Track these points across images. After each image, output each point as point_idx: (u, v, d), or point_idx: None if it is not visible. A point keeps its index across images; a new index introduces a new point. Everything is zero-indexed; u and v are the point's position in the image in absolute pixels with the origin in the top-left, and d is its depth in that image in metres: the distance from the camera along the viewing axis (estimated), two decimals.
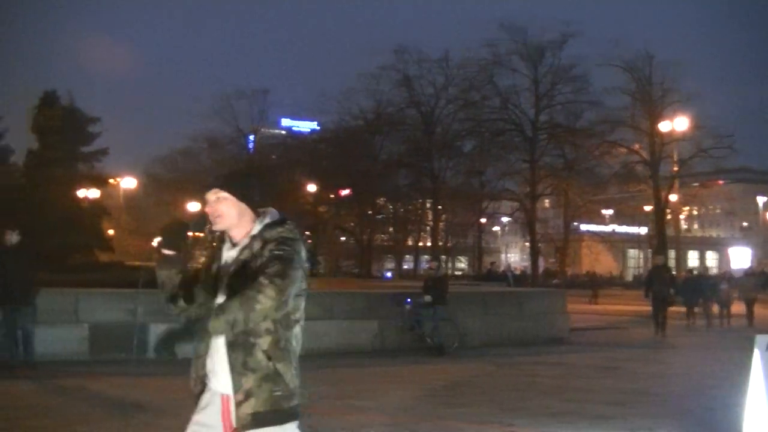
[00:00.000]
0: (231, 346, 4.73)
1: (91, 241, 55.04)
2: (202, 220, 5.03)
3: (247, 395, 4.73)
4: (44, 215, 51.93)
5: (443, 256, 69.70)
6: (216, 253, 5.06)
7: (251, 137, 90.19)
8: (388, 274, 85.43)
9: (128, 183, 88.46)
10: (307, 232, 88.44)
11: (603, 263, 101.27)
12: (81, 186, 54.68)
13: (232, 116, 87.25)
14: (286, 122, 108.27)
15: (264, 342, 4.83)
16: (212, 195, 4.97)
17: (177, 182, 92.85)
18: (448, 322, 21.09)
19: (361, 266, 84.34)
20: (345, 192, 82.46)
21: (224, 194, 4.93)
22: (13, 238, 15.88)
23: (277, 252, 4.77)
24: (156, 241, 5.03)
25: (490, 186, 77.69)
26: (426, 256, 77.85)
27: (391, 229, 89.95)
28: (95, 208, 56.83)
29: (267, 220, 4.97)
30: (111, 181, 68.44)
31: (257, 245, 4.84)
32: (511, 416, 11.88)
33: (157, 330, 18.12)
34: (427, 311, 20.85)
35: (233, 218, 4.95)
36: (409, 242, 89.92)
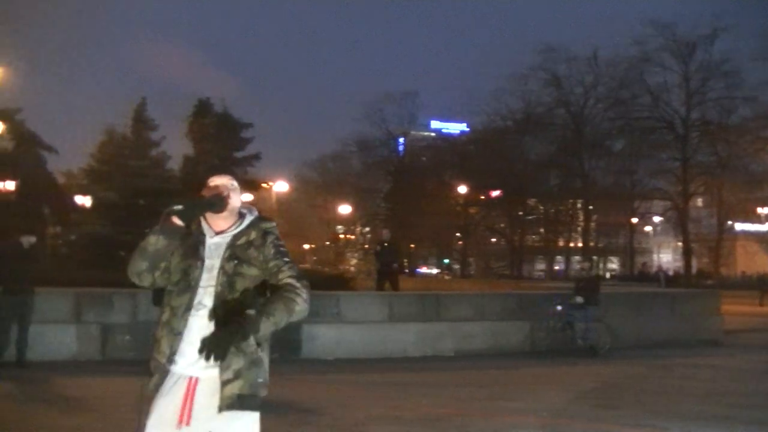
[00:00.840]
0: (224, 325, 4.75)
1: None
2: (221, 203, 5.04)
3: (236, 375, 4.78)
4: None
5: (594, 257, 69.14)
6: (187, 241, 5.06)
7: (401, 140, 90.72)
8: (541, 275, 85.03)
9: (280, 187, 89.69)
10: (457, 234, 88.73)
11: (759, 263, 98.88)
12: None
13: (382, 119, 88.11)
14: (435, 124, 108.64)
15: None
16: (227, 181, 5.18)
17: (327, 185, 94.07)
18: (599, 323, 20.91)
19: (512, 267, 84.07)
20: (495, 193, 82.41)
21: (236, 185, 5.21)
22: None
23: (282, 248, 5.12)
24: (172, 209, 4.94)
25: (641, 185, 76.72)
26: (577, 257, 77.20)
27: (541, 229, 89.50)
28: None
29: (256, 213, 5.28)
30: (264, 185, 69.42)
31: (255, 234, 5.11)
32: (665, 420, 11.70)
33: (312, 331, 18.57)
34: (579, 312, 20.71)
35: (234, 209, 5.16)
36: (560, 243, 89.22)
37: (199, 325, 4.85)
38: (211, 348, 4.57)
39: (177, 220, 4.90)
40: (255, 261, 4.99)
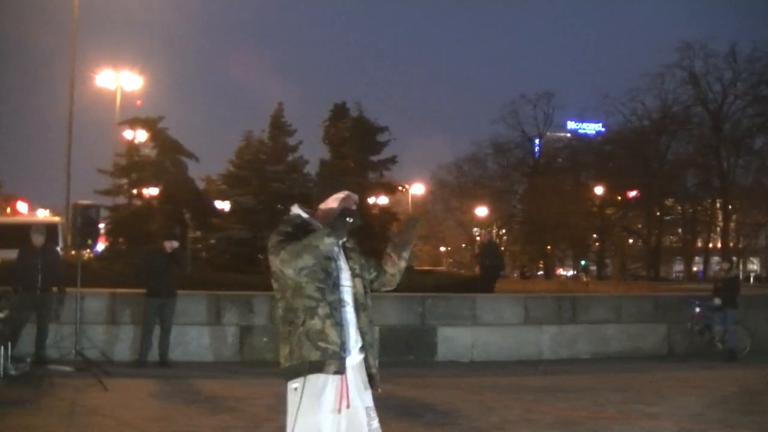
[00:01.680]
0: (363, 308, 5.83)
1: (381, 247, 56.46)
2: (357, 216, 5.78)
3: (375, 361, 5.91)
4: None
5: (734, 258, 67.93)
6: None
7: (536, 141, 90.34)
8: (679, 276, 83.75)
9: (417, 189, 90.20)
10: (594, 235, 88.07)
11: None
12: (371, 194, 56.12)
13: (517, 121, 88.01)
14: (571, 125, 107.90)
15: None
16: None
17: (464, 188, 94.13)
18: (739, 326, 20.59)
19: (649, 268, 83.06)
20: (632, 193, 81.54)
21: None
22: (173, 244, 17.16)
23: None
24: (329, 230, 5.56)
25: None
26: (716, 258, 75.92)
27: (679, 230, 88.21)
28: (385, 214, 58.13)
29: None
30: (400, 188, 69.85)
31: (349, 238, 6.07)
32: None
33: (447, 333, 18.71)
34: (718, 314, 20.41)
35: None
36: (699, 243, 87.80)
37: (349, 318, 5.69)
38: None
39: (334, 238, 5.61)
40: (357, 260, 6.03)
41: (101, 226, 32.43)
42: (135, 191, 55.79)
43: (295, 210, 6.05)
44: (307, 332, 5.47)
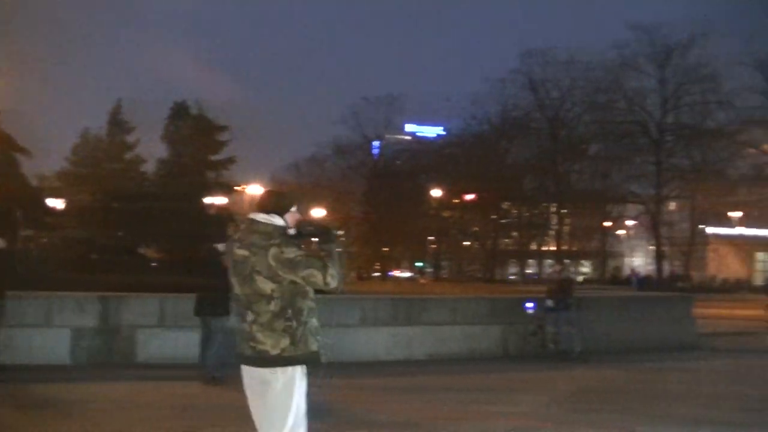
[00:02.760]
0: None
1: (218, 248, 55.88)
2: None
3: None
4: (174, 223, 52.98)
5: (567, 260, 69.27)
6: None
7: (376, 143, 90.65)
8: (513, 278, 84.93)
9: (254, 190, 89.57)
10: (431, 237, 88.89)
11: (730, 267, 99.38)
12: (209, 194, 55.59)
13: (358, 123, 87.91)
14: (410, 128, 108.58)
15: None
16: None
17: (303, 189, 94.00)
18: (572, 327, 20.94)
19: (485, 270, 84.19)
20: (470, 196, 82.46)
21: None
22: None
23: None
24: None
25: (616, 189, 76.90)
26: (550, 261, 77.38)
27: (515, 233, 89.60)
28: (222, 215, 57.68)
29: None
30: (237, 188, 69.31)
31: None
32: (635, 422, 11.82)
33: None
34: (551, 316, 20.73)
35: None
36: (534, 246, 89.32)
37: None
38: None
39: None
40: None
41: None
42: None
43: (278, 221, 6.64)
44: (311, 329, 6.64)
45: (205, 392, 14.02)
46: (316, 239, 6.69)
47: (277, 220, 6.61)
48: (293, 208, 6.80)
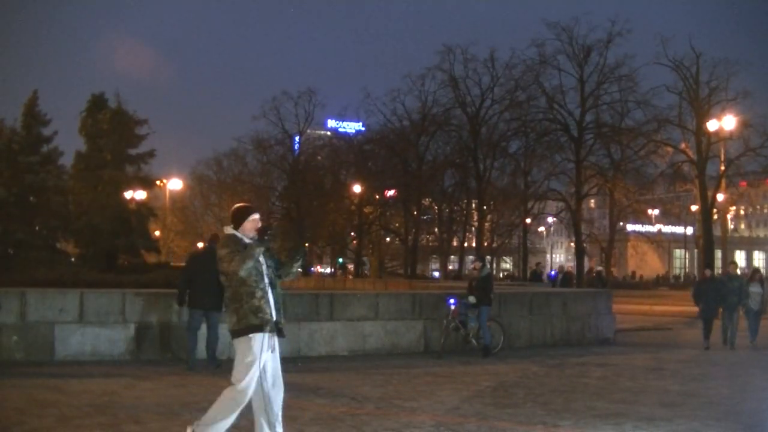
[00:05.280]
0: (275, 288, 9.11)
1: (138, 243, 55.48)
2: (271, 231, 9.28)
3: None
4: (93, 217, 52.37)
5: (488, 257, 69.54)
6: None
7: (297, 138, 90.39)
8: (436, 274, 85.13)
9: (175, 184, 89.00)
10: (352, 233, 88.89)
11: (649, 263, 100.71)
12: (128, 188, 55.07)
13: (278, 118, 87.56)
14: (331, 123, 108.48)
15: None
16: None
17: (223, 184, 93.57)
18: (493, 322, 21.06)
19: (407, 267, 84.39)
20: (391, 193, 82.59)
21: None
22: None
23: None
24: (259, 243, 8.85)
25: (536, 186, 77.38)
26: (471, 257, 77.70)
27: (436, 229, 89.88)
28: (142, 209, 57.19)
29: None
30: (158, 182, 68.79)
31: None
32: (557, 417, 11.92)
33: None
34: (472, 312, 20.80)
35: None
36: (455, 243, 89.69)
37: (271, 297, 9.02)
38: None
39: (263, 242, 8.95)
40: (271, 259, 9.25)
41: None
42: None
43: (229, 230, 9.07)
44: (250, 308, 8.81)
45: (127, 388, 13.85)
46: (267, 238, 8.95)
47: (229, 230, 9.09)
48: (252, 217, 9.11)
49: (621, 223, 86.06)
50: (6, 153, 49.67)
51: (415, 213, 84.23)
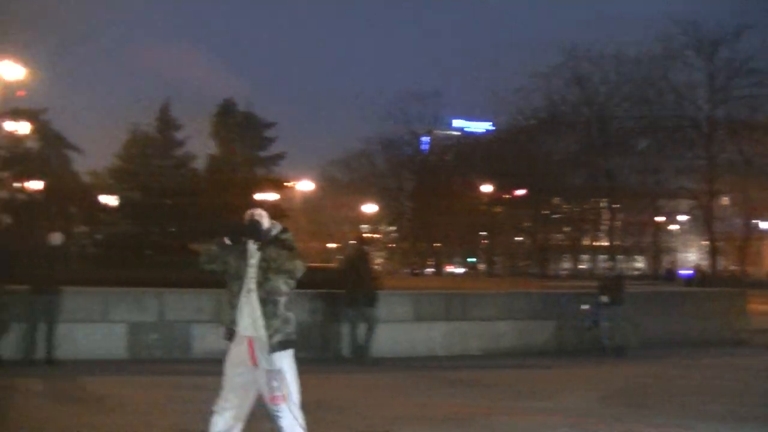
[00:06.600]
0: (263, 302, 7.86)
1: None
2: (258, 235, 8.07)
3: (275, 331, 7.86)
4: (225, 219, 53.21)
5: (619, 256, 68.82)
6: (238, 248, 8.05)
7: (425, 139, 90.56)
8: (563, 273, 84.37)
9: (305, 186, 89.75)
10: (482, 233, 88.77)
11: None
12: (260, 190, 55.84)
13: (406, 118, 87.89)
14: (458, 123, 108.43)
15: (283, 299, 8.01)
16: (258, 211, 8.23)
17: (352, 184, 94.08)
18: (625, 322, 20.93)
19: (537, 266, 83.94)
20: (520, 192, 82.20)
21: (264, 213, 8.30)
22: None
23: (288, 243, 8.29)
24: (225, 236, 8.06)
25: (667, 184, 76.27)
26: (602, 256, 76.96)
27: (566, 228, 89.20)
28: (273, 211, 57.87)
29: (278, 228, 8.42)
30: (288, 184, 69.53)
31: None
32: (690, 419, 11.78)
33: (334, 328, 18.69)
34: (605, 311, 20.71)
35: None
36: (585, 242, 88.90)
37: (243, 301, 7.97)
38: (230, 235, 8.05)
39: (228, 241, 8.01)
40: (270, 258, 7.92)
41: None
42: (18, 185, 54.62)
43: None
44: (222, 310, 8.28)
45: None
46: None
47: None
48: (247, 212, 8.27)
49: (756, 221, 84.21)
50: (141, 157, 50.82)
51: (545, 212, 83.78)
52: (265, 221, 8.12)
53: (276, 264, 7.89)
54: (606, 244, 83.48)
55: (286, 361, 8.00)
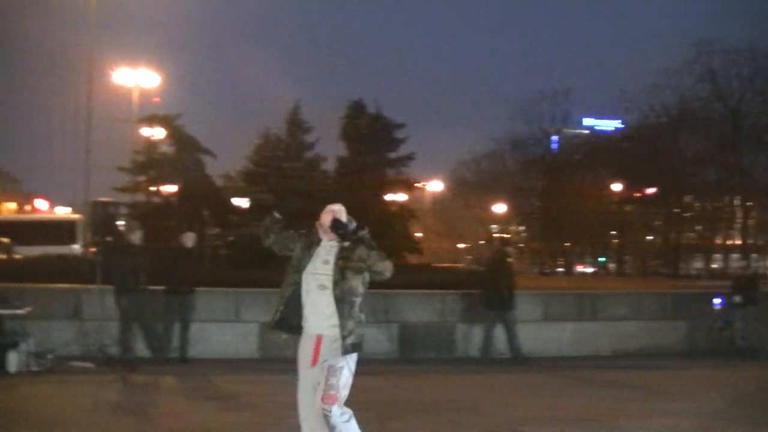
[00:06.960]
0: (339, 301, 7.63)
1: (400, 244, 56.32)
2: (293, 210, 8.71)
3: (350, 332, 7.62)
4: (356, 220, 53.59)
5: (753, 255, 67.48)
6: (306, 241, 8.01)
7: (555, 137, 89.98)
8: (695, 273, 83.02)
9: (435, 186, 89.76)
10: (613, 231, 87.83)
11: None
12: (389, 191, 56.05)
13: (535, 117, 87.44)
14: (588, 121, 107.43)
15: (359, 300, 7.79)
16: (337, 207, 8.14)
17: (482, 184, 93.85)
18: (760, 323, 20.51)
19: (669, 265, 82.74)
20: (651, 190, 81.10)
21: (342, 208, 8.20)
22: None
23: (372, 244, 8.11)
24: (276, 209, 8.43)
25: None
26: (735, 255, 75.48)
27: (699, 227, 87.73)
28: (404, 211, 58.01)
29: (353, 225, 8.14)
30: (418, 185, 69.67)
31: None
32: None
33: (463, 330, 18.75)
34: (738, 312, 20.33)
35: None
36: (718, 241, 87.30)
37: (304, 296, 8.00)
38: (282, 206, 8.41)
39: (278, 215, 8.35)
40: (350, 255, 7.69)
41: (120, 223, 32.50)
42: (153, 188, 55.78)
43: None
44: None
45: (395, 386, 14.18)
46: None
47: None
48: (328, 208, 8.15)
49: None
50: (272, 160, 51.38)
51: (676, 210, 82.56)
52: (344, 217, 7.94)
53: (366, 264, 7.68)
54: (739, 242, 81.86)
55: (351, 363, 7.85)
